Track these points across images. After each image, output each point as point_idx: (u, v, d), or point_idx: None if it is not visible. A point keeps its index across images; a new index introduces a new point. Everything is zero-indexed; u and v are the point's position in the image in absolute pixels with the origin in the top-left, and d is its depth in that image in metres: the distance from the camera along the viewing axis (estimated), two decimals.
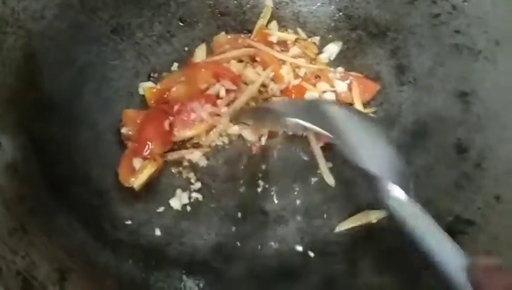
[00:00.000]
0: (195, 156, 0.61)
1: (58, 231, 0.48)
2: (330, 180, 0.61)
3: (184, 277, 0.53)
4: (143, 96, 0.65)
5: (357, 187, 0.59)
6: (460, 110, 0.58)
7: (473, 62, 0.58)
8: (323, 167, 0.61)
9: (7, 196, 0.45)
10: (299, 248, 0.56)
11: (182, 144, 0.63)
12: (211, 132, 0.63)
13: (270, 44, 0.67)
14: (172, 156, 0.61)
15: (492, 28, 0.57)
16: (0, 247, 0.41)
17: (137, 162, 0.58)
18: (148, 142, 0.59)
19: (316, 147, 0.62)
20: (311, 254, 0.56)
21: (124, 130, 0.61)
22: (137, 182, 0.57)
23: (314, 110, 0.52)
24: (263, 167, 0.62)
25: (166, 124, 0.61)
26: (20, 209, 0.45)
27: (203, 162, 0.62)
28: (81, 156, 0.57)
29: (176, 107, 0.62)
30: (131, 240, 0.54)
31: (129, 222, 0.56)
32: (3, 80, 0.52)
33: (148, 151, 0.58)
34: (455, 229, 0.51)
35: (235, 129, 0.63)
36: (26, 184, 0.48)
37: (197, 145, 0.63)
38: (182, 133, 0.61)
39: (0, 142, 0.48)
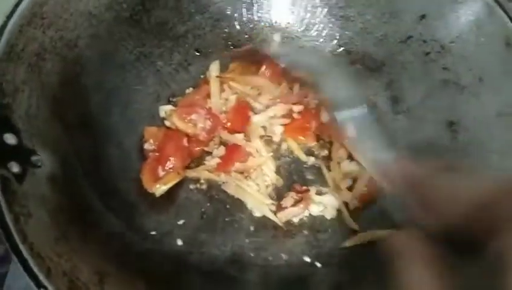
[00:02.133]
0: (210, 176, 0.67)
1: (95, 239, 0.52)
2: (353, 226, 0.64)
3: (205, 283, 0.58)
4: (163, 118, 0.71)
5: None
6: (449, 138, 0.64)
7: (459, 95, 0.65)
8: (348, 218, 0.65)
9: (50, 206, 0.49)
10: (307, 259, 0.62)
11: (199, 160, 0.69)
12: None
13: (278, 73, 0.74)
14: (191, 173, 0.67)
15: (476, 66, 0.63)
16: (48, 251, 0.45)
17: (162, 172, 0.64)
18: (170, 158, 0.64)
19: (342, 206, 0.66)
20: (319, 265, 0.61)
21: (146, 146, 0.67)
22: (160, 189, 0.63)
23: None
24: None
25: (185, 141, 0.67)
26: (62, 219, 0.50)
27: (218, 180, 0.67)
28: (110, 171, 0.62)
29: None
30: (157, 249, 0.59)
31: (154, 233, 0.61)
32: (43, 102, 0.57)
33: (171, 166, 0.64)
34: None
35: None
36: (66, 195, 0.52)
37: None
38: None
39: (42, 158, 0.53)
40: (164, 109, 0.71)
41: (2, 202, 0.43)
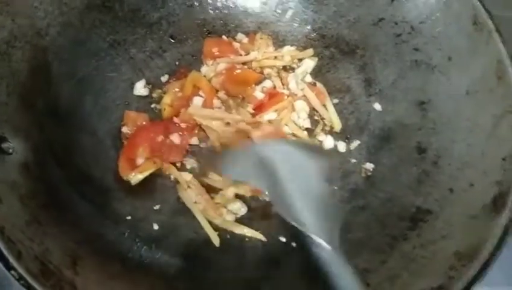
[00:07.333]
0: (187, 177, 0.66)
1: (68, 224, 0.53)
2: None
3: (181, 264, 0.58)
4: (137, 106, 0.71)
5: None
6: (419, 117, 0.66)
7: (430, 75, 0.66)
8: None
9: (22, 192, 0.50)
10: (283, 239, 0.62)
11: None
12: None
13: None
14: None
15: (445, 45, 0.65)
16: (19, 235, 0.45)
17: (140, 160, 0.64)
18: (139, 148, 0.65)
19: None
20: (294, 244, 0.62)
21: (124, 129, 0.67)
22: (136, 177, 0.63)
23: (250, 158, 0.55)
24: None
25: (159, 138, 0.66)
26: (34, 204, 0.50)
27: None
28: (84, 159, 0.62)
29: None
30: (132, 233, 0.59)
31: (129, 217, 0.61)
32: (13, 89, 0.56)
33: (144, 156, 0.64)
34: (416, 218, 0.58)
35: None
36: (38, 182, 0.52)
37: None
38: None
39: (13, 145, 0.53)
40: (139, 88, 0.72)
41: None
